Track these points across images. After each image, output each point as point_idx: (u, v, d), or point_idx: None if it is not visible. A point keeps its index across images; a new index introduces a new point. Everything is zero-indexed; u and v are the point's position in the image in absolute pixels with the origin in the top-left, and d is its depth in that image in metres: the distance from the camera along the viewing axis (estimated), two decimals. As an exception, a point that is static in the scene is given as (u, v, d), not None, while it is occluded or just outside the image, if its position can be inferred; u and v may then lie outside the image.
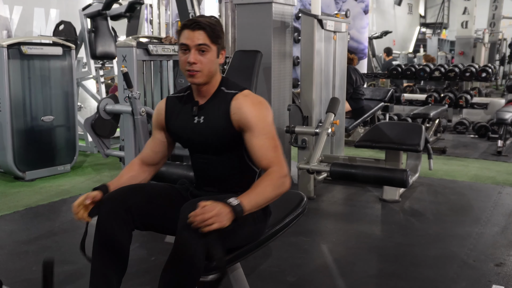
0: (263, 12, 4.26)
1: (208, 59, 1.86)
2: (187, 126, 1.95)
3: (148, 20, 7.16)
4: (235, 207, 1.65)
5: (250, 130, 1.85)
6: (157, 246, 2.98)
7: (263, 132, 1.85)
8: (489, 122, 6.94)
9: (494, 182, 4.58)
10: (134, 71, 3.88)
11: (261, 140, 1.84)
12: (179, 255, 1.65)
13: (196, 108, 1.94)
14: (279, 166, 1.82)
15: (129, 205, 1.81)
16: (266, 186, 1.78)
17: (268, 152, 1.84)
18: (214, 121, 1.90)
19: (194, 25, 1.84)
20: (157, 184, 2.02)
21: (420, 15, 22.41)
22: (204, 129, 1.92)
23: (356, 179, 3.49)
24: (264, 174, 1.83)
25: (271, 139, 1.86)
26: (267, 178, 1.80)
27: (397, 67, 8.37)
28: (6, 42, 4.38)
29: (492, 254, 2.93)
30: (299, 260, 2.85)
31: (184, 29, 1.87)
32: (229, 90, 1.93)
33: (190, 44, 1.84)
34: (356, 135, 6.13)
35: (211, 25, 1.85)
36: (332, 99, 4.13)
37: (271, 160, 1.83)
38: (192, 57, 1.84)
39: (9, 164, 4.46)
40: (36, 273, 2.65)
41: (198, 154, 1.99)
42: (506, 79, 14.62)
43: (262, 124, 1.85)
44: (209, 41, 1.85)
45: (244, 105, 1.87)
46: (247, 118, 1.85)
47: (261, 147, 1.84)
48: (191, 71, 1.85)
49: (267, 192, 1.77)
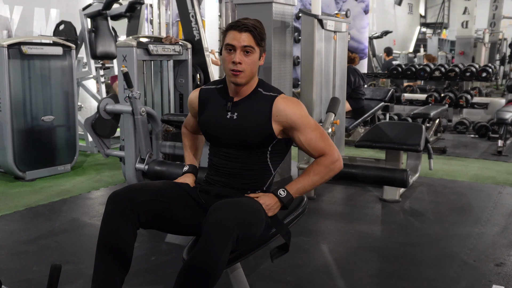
0: (263, 12, 4.25)
1: (251, 60, 1.95)
2: (219, 120, 2.02)
3: (148, 20, 7.15)
4: (283, 197, 1.92)
5: (298, 129, 1.98)
6: (157, 245, 2.98)
7: (309, 127, 1.99)
8: (490, 122, 6.94)
9: (494, 182, 4.58)
10: (134, 71, 3.88)
11: (309, 134, 1.98)
12: (205, 256, 1.63)
13: (230, 104, 2.01)
14: (330, 153, 1.99)
15: (135, 204, 1.82)
16: (315, 173, 1.98)
17: (317, 144, 1.99)
18: (250, 119, 1.98)
19: (242, 27, 1.92)
20: (164, 182, 2.04)
21: (421, 15, 22.41)
22: (237, 125, 1.98)
23: (356, 179, 3.49)
24: (314, 161, 2.01)
25: (316, 130, 2.00)
26: (316, 166, 1.99)
27: (397, 67, 8.37)
28: (6, 42, 4.38)
29: (492, 254, 2.92)
30: (299, 260, 2.85)
31: (230, 29, 1.95)
32: (266, 92, 2.02)
33: (237, 45, 1.92)
34: (356, 135, 6.13)
35: (257, 28, 1.94)
36: (332, 99, 4.13)
37: (323, 149, 1.99)
38: (237, 57, 1.91)
39: (9, 164, 4.47)
40: (36, 273, 2.65)
41: (222, 148, 2.05)
42: (506, 79, 14.62)
43: (306, 121, 1.99)
44: (254, 43, 1.94)
45: (287, 107, 1.98)
46: (293, 118, 1.97)
47: (311, 141, 1.99)
48: (235, 71, 1.93)
49: (316, 179, 1.98)
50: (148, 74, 4.27)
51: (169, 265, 2.75)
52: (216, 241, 1.63)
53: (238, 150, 2.01)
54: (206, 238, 1.65)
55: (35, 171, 4.62)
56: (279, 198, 1.92)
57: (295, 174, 4.26)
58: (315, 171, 1.98)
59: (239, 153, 2.00)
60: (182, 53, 4.32)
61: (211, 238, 1.64)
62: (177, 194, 1.97)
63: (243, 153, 2.00)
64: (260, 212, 1.87)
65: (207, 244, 1.64)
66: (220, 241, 1.64)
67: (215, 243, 1.63)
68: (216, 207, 1.74)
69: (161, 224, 1.95)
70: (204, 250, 1.64)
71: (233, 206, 1.77)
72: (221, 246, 1.64)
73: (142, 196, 1.86)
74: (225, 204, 1.76)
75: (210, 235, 1.65)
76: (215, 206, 1.75)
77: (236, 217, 1.72)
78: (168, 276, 2.62)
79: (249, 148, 2.00)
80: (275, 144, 2.01)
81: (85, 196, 4.14)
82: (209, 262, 1.63)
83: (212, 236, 1.64)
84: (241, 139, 1.99)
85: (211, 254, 1.63)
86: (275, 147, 2.02)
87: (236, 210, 1.75)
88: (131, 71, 3.80)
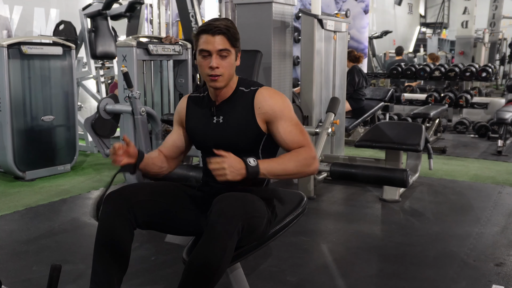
0: (263, 12, 4.26)
1: (228, 63, 1.89)
2: (206, 126, 1.98)
3: (148, 20, 7.16)
4: (250, 165, 1.77)
5: (278, 119, 1.91)
6: (157, 246, 2.98)
7: (289, 119, 1.92)
8: (489, 121, 6.93)
9: (494, 182, 4.58)
10: (134, 71, 3.88)
11: (289, 126, 1.91)
12: (212, 245, 1.63)
13: (214, 108, 1.97)
14: (309, 148, 1.90)
15: (132, 204, 1.82)
16: (290, 159, 1.85)
17: (296, 136, 1.91)
18: (235, 119, 1.94)
19: (215, 30, 1.84)
20: (161, 183, 2.02)
21: (420, 15, 22.41)
22: (224, 129, 1.95)
23: (356, 179, 3.50)
24: (293, 150, 1.90)
25: (297, 124, 1.94)
26: (294, 153, 1.88)
27: (397, 67, 8.37)
28: (6, 42, 4.38)
29: (492, 254, 2.92)
30: (299, 260, 2.85)
31: (202, 33, 1.87)
32: (247, 88, 1.97)
33: (212, 50, 1.85)
34: (356, 134, 6.13)
35: (230, 29, 1.87)
36: (332, 98, 4.14)
37: (301, 143, 1.91)
38: (214, 62, 1.85)
39: (9, 164, 4.46)
40: (36, 273, 2.65)
41: (213, 154, 1.97)
42: (506, 79, 14.62)
43: (287, 112, 1.93)
44: (229, 45, 1.87)
45: (268, 97, 1.93)
46: (273, 108, 1.91)
47: (290, 133, 1.91)
48: (213, 76, 1.87)
49: (290, 166, 1.85)
50: (148, 74, 4.28)
51: (169, 265, 2.75)
52: (222, 229, 1.63)
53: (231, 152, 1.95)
54: (212, 227, 1.65)
55: (35, 171, 4.62)
56: (246, 165, 1.77)
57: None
58: (292, 157, 1.87)
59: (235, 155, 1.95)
60: (182, 53, 4.32)
61: (218, 226, 1.64)
62: (175, 194, 1.96)
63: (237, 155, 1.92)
64: (263, 206, 1.87)
65: (213, 232, 1.64)
66: (226, 229, 1.64)
67: (221, 232, 1.63)
68: (221, 198, 1.73)
69: (159, 225, 1.94)
70: (211, 240, 1.64)
71: (237, 197, 1.76)
72: (228, 234, 1.64)
73: (139, 196, 1.85)
74: (230, 196, 1.76)
75: (216, 223, 1.65)
76: (220, 197, 1.74)
77: (240, 206, 1.72)
78: (168, 276, 2.62)
79: (239, 151, 1.91)
80: (265, 143, 1.96)
81: (85, 196, 4.14)
82: (217, 251, 1.63)
83: (219, 224, 1.64)
84: (230, 142, 1.94)
85: (218, 242, 1.63)
86: (265, 146, 1.97)
87: (241, 200, 1.75)
88: (131, 71, 3.80)
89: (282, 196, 2.20)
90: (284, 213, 2.11)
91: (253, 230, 1.80)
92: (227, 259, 1.67)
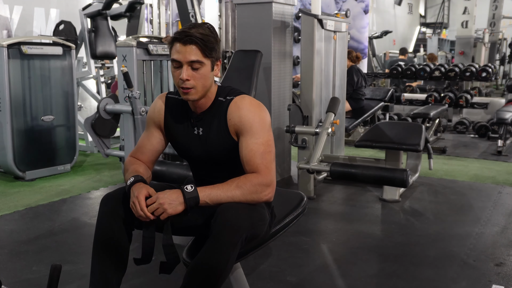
0: (263, 12, 4.26)
1: (201, 74, 1.76)
2: (187, 138, 1.91)
3: (148, 20, 7.15)
4: (187, 191, 1.68)
5: (244, 133, 1.78)
6: (156, 246, 2.97)
7: (256, 136, 1.77)
8: (489, 121, 6.93)
9: (494, 182, 4.58)
10: (134, 71, 3.88)
11: (252, 144, 1.77)
12: (216, 256, 1.62)
13: (193, 120, 1.89)
14: (262, 174, 1.75)
15: (128, 204, 1.81)
16: (237, 186, 1.72)
17: (255, 158, 1.76)
18: (214, 131, 1.85)
19: (186, 39, 1.72)
20: (158, 184, 2.01)
21: (420, 15, 22.41)
22: (204, 143, 1.87)
23: (356, 179, 3.49)
24: (243, 175, 1.77)
25: (263, 144, 1.77)
26: (242, 179, 1.74)
27: (397, 67, 8.37)
28: (6, 42, 4.38)
29: (492, 254, 2.92)
30: (299, 260, 2.85)
31: (175, 41, 1.76)
32: (225, 98, 1.85)
33: (182, 60, 1.74)
34: (356, 134, 6.13)
35: (203, 38, 1.73)
36: (332, 98, 4.13)
37: (256, 167, 1.75)
38: (184, 73, 1.74)
39: (9, 164, 4.46)
40: (36, 273, 2.65)
41: (197, 164, 1.97)
42: (506, 78, 14.63)
43: (256, 127, 1.78)
44: (202, 56, 1.74)
45: (241, 107, 1.80)
46: (242, 120, 1.78)
47: (250, 152, 1.76)
48: (185, 88, 1.76)
49: (236, 193, 1.71)
50: (148, 74, 4.27)
51: (169, 265, 2.74)
52: (227, 241, 1.61)
53: (213, 165, 1.91)
54: (217, 238, 1.62)
55: (35, 171, 4.62)
56: (183, 192, 1.68)
57: (295, 174, 4.26)
58: (239, 184, 1.72)
59: (216, 168, 1.92)
60: (182, 53, 4.32)
61: (222, 238, 1.62)
62: None
63: (219, 168, 1.91)
64: (265, 212, 1.86)
65: (218, 243, 1.62)
66: (231, 241, 1.62)
67: (226, 243, 1.61)
68: (226, 207, 1.69)
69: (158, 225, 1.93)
70: (215, 250, 1.62)
71: (242, 206, 1.71)
72: (232, 245, 1.62)
73: None
74: (234, 204, 1.71)
75: (221, 234, 1.62)
76: (224, 206, 1.70)
77: (246, 217, 1.68)
78: (168, 276, 2.61)
79: (220, 164, 1.87)
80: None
81: (85, 196, 4.13)
82: (220, 262, 1.61)
83: (223, 235, 1.62)
84: (211, 156, 1.87)
85: (221, 254, 1.61)
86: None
87: (246, 209, 1.71)
88: (131, 71, 3.80)
89: (282, 196, 2.20)
90: (284, 213, 2.11)
91: (256, 236, 1.80)
92: (230, 267, 1.66)
